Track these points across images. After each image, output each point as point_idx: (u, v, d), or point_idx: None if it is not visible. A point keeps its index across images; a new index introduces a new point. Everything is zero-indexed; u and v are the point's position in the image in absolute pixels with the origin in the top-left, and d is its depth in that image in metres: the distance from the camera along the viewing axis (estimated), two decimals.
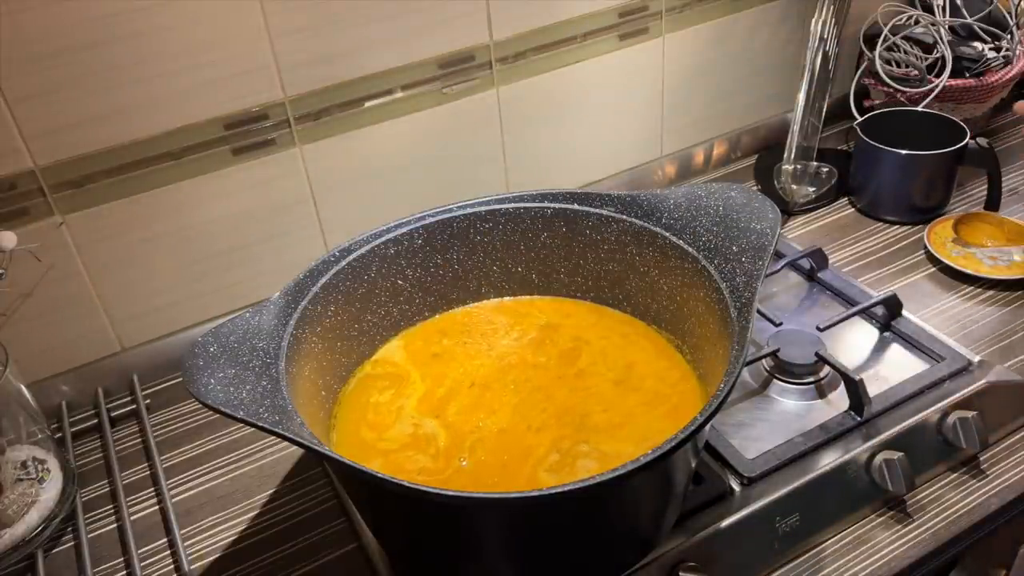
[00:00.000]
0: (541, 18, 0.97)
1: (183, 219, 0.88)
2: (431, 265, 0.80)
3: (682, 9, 1.07)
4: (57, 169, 0.80)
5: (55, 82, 0.76)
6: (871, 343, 0.87)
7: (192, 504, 0.79)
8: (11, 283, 0.81)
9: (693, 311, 0.73)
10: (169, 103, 0.82)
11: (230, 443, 0.85)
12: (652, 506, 0.64)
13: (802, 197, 1.11)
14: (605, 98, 1.07)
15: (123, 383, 0.92)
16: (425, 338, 0.81)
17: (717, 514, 0.69)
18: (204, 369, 0.61)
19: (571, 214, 0.79)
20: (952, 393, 0.78)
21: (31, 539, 0.74)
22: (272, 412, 0.58)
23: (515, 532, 0.61)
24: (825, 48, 1.08)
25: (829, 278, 0.95)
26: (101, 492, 0.82)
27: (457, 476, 0.67)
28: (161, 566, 0.74)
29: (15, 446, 0.77)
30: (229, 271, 0.93)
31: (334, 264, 0.74)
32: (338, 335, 0.74)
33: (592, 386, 0.74)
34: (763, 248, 0.67)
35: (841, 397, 0.79)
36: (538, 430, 0.70)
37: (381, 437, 0.71)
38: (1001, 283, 0.94)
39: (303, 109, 0.89)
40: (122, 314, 0.90)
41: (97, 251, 0.85)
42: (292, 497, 0.79)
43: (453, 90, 0.96)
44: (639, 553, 0.66)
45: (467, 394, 0.75)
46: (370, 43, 0.89)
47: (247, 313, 0.68)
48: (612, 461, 0.66)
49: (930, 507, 0.73)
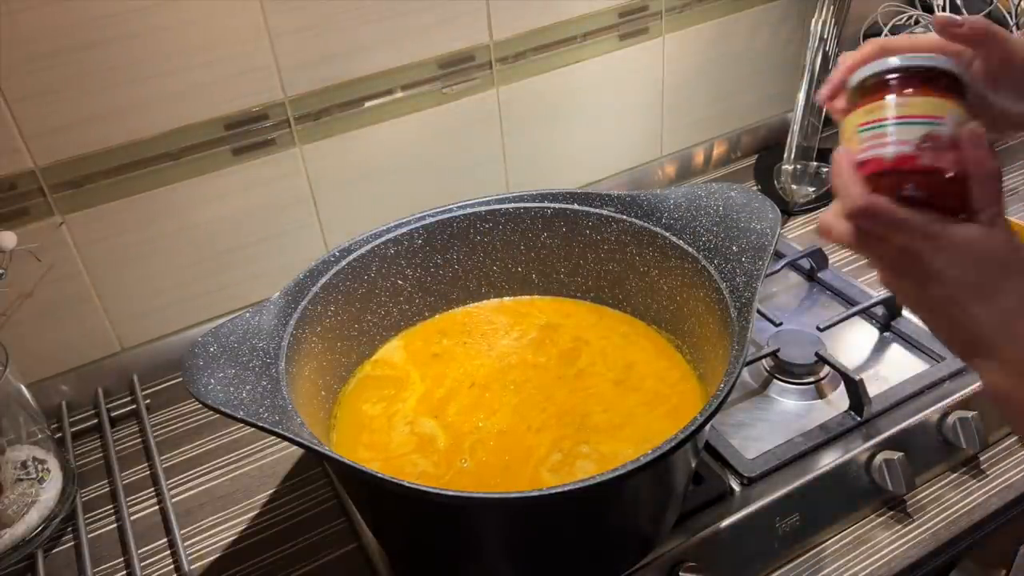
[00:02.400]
0: (541, 18, 0.97)
1: (183, 219, 0.88)
2: (431, 265, 0.80)
3: (682, 9, 1.07)
4: (57, 169, 0.80)
5: (55, 82, 0.76)
6: (871, 343, 0.87)
7: (192, 504, 0.79)
8: (11, 283, 0.81)
9: (693, 311, 0.73)
10: (169, 103, 0.82)
11: (230, 443, 0.85)
12: (652, 506, 0.64)
13: (802, 197, 1.11)
14: (605, 98, 1.07)
15: (123, 383, 0.92)
16: (425, 338, 0.81)
17: (717, 514, 0.69)
18: (204, 369, 0.61)
19: (571, 214, 0.79)
20: (952, 393, 0.78)
21: (31, 539, 0.74)
22: (272, 412, 0.58)
23: (515, 532, 0.61)
24: (825, 48, 1.08)
25: (829, 278, 0.95)
26: (101, 492, 0.82)
27: (459, 477, 0.67)
28: (161, 566, 0.74)
29: (15, 446, 0.77)
30: (229, 271, 0.93)
31: (334, 264, 0.74)
32: (338, 335, 0.74)
33: (592, 386, 0.74)
34: (763, 248, 0.67)
35: (841, 397, 0.79)
36: (538, 430, 0.70)
37: (383, 449, 0.71)
38: None
39: (303, 109, 0.89)
40: (122, 314, 0.90)
41: (97, 251, 0.85)
42: (292, 497, 0.79)
43: (453, 90, 0.96)
44: (639, 553, 0.66)
45: (467, 394, 0.75)
46: (370, 43, 0.89)
47: (247, 313, 0.68)
48: (612, 461, 0.66)
49: (930, 507, 0.73)
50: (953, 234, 0.44)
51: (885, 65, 0.49)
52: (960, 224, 0.44)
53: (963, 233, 0.44)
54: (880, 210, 0.45)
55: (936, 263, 0.45)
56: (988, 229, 0.44)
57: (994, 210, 0.45)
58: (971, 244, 0.44)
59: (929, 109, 0.48)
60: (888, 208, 0.45)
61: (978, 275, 0.44)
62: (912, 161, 0.46)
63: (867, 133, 0.49)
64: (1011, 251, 0.44)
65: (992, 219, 0.45)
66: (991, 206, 0.45)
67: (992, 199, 0.45)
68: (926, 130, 0.47)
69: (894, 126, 0.48)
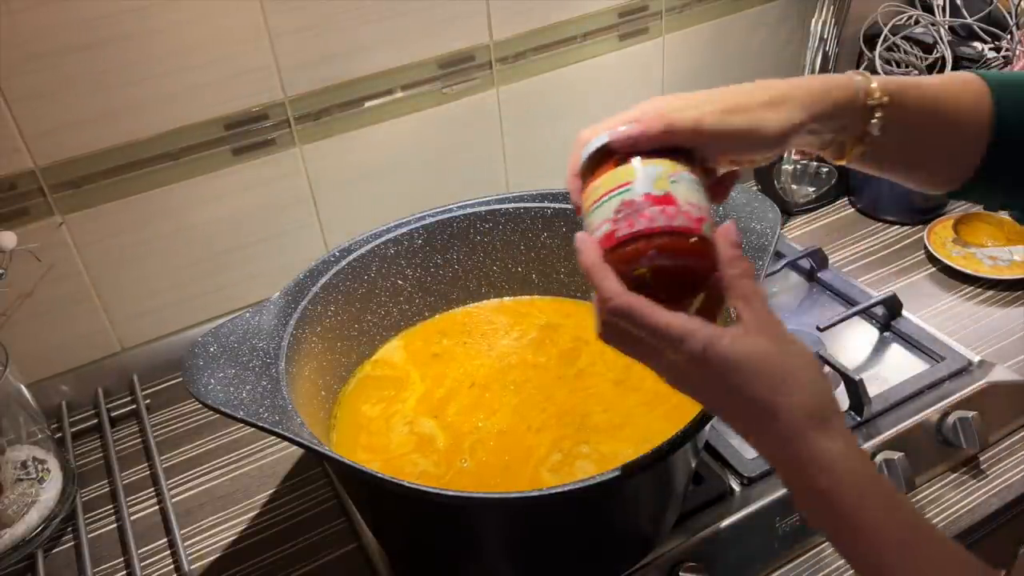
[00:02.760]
0: (541, 18, 0.97)
1: (183, 219, 0.88)
2: (431, 265, 0.80)
3: (682, 9, 1.06)
4: (57, 169, 0.80)
5: (55, 82, 0.76)
6: (871, 343, 0.87)
7: (192, 504, 0.79)
8: (11, 283, 0.81)
9: None
10: (169, 103, 0.82)
11: (230, 443, 0.85)
12: (652, 506, 0.64)
13: (802, 197, 1.11)
14: (605, 98, 1.07)
15: (123, 383, 0.92)
16: (425, 338, 0.81)
17: (717, 514, 0.69)
18: (204, 369, 0.61)
19: (571, 214, 0.79)
20: (952, 393, 0.78)
21: (31, 539, 0.74)
22: (272, 412, 0.58)
23: (515, 532, 0.61)
24: (825, 48, 1.08)
25: (829, 278, 0.95)
26: (101, 492, 0.82)
27: (459, 477, 0.67)
28: (161, 566, 0.74)
29: (15, 446, 0.77)
30: (229, 271, 0.93)
31: (334, 264, 0.74)
32: (338, 335, 0.74)
33: (592, 386, 0.74)
34: (763, 248, 0.67)
35: (841, 397, 0.79)
36: (538, 430, 0.70)
37: (382, 451, 0.71)
38: (1001, 283, 0.94)
39: (303, 109, 0.89)
40: (122, 314, 0.90)
41: (97, 251, 0.85)
42: (292, 497, 0.79)
43: (453, 90, 0.96)
44: (639, 553, 0.66)
45: (467, 394, 0.75)
46: (370, 43, 0.89)
47: (247, 313, 0.68)
48: (612, 461, 0.66)
49: (930, 507, 0.73)
50: (688, 343, 0.43)
51: (584, 152, 0.49)
52: (696, 329, 0.43)
53: (700, 341, 0.43)
54: (621, 311, 0.44)
55: (670, 364, 0.46)
56: (724, 339, 0.43)
57: (739, 304, 0.45)
58: (702, 355, 0.43)
59: (611, 182, 0.47)
60: (629, 311, 0.44)
61: (710, 386, 0.45)
62: (612, 237, 0.46)
63: (594, 215, 0.48)
64: (740, 359, 0.43)
65: (741, 316, 0.44)
66: (736, 295, 0.45)
67: (739, 293, 0.45)
68: (617, 202, 0.46)
69: (599, 208, 0.47)
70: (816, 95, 0.49)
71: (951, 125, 0.53)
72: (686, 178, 0.46)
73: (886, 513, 0.43)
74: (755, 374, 0.43)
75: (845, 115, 0.50)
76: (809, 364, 0.45)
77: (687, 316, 0.44)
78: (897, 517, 0.43)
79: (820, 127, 0.50)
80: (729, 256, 0.45)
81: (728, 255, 0.45)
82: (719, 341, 0.43)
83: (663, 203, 0.45)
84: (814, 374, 0.44)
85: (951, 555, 0.44)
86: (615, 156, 0.48)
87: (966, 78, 0.53)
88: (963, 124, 0.53)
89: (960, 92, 0.53)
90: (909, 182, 0.57)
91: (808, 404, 0.43)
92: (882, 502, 0.43)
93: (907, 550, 0.43)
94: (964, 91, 0.53)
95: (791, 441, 0.43)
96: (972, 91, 0.53)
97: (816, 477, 0.43)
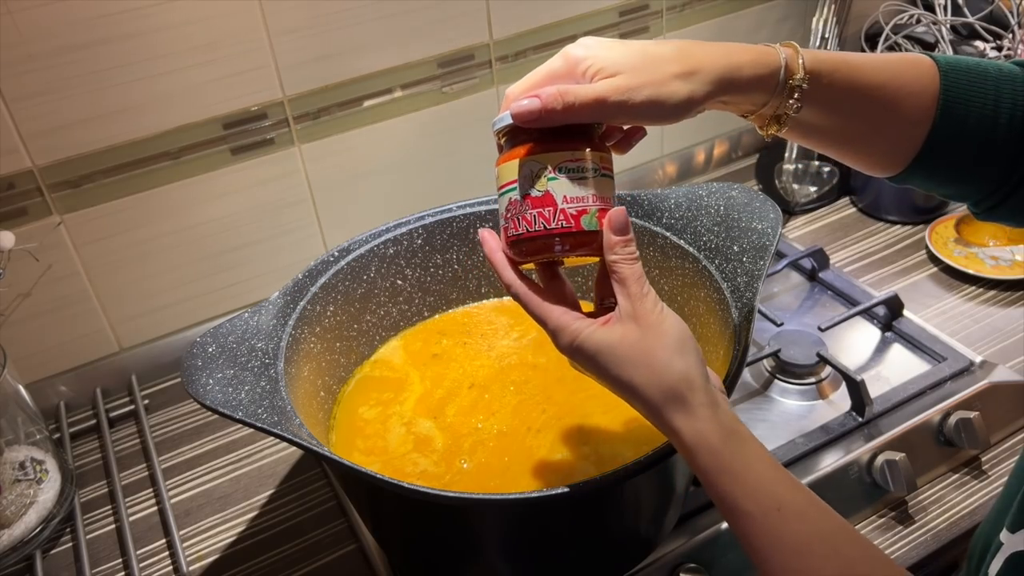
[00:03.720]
0: (541, 17, 0.97)
1: (182, 219, 0.88)
2: (431, 265, 0.80)
3: (682, 8, 1.06)
4: (55, 169, 0.80)
5: (54, 82, 0.76)
6: (873, 343, 0.87)
7: (191, 505, 0.79)
8: (9, 283, 0.81)
9: (694, 311, 0.72)
10: (168, 102, 0.82)
11: (229, 444, 0.85)
12: (653, 507, 0.63)
13: (803, 197, 1.10)
14: None
15: (122, 383, 0.92)
16: (424, 338, 0.81)
17: (718, 515, 0.69)
18: (203, 369, 0.61)
19: None
20: (954, 393, 0.78)
21: (29, 540, 0.74)
22: (271, 413, 0.57)
23: (515, 533, 0.60)
24: (826, 47, 1.08)
25: (830, 278, 0.95)
26: (99, 493, 0.81)
27: (459, 478, 0.66)
28: (160, 567, 0.73)
29: (13, 447, 0.77)
30: (228, 271, 0.93)
31: (333, 264, 0.73)
32: (337, 335, 0.74)
33: (592, 387, 0.73)
34: (764, 248, 0.67)
35: (842, 397, 0.78)
36: (538, 432, 0.70)
37: (381, 452, 0.71)
38: (1003, 283, 0.94)
39: (302, 108, 0.88)
40: (120, 314, 0.89)
41: (95, 251, 0.85)
42: (291, 498, 0.79)
43: (453, 89, 0.96)
44: (640, 554, 0.66)
45: (466, 395, 0.74)
46: (369, 42, 0.88)
47: (246, 313, 0.67)
48: (612, 463, 0.66)
49: (931, 508, 0.73)
50: (570, 331, 0.49)
51: (493, 127, 0.52)
52: (574, 322, 0.49)
53: (575, 332, 0.49)
54: (516, 300, 0.51)
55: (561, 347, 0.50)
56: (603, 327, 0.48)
57: (617, 288, 0.49)
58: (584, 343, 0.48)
59: (504, 176, 0.51)
60: (523, 295, 0.50)
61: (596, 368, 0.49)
62: (506, 233, 0.50)
63: (498, 202, 0.52)
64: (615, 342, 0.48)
65: (626, 300, 0.48)
66: (615, 279, 0.49)
67: (617, 278, 0.48)
68: (506, 200, 0.50)
69: (499, 199, 0.52)
70: (729, 69, 0.49)
71: (889, 106, 0.51)
72: (569, 169, 0.49)
73: (743, 491, 0.46)
74: (615, 358, 0.48)
75: (759, 92, 0.50)
76: (667, 346, 0.47)
77: (563, 309, 0.50)
78: (757, 497, 0.46)
79: (731, 99, 0.51)
80: (610, 243, 0.49)
81: (610, 242, 0.49)
82: (582, 332, 0.48)
83: (542, 205, 0.49)
84: (670, 355, 0.47)
85: (816, 531, 0.46)
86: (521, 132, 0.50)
87: (916, 59, 0.52)
88: (904, 106, 0.51)
89: (904, 72, 0.51)
90: (847, 161, 0.56)
91: (662, 383, 0.47)
92: (740, 480, 0.46)
93: (770, 524, 0.46)
94: (909, 72, 0.51)
95: (655, 417, 0.48)
96: (919, 73, 0.51)
97: (681, 450, 0.48)
